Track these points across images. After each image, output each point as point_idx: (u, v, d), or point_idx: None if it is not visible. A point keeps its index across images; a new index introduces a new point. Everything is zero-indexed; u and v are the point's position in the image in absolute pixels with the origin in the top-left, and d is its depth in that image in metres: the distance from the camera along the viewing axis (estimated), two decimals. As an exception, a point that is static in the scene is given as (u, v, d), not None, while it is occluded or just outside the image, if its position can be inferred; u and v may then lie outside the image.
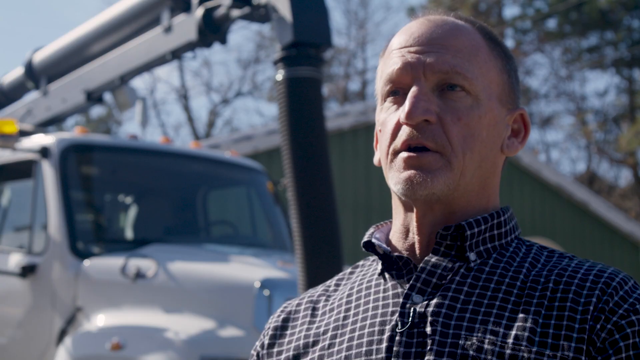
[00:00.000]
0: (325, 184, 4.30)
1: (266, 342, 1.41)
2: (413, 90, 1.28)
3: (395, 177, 1.30)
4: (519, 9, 25.95)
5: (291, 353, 1.35)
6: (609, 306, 1.21)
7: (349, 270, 1.45)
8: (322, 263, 4.13)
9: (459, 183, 1.29)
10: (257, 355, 1.41)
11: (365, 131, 12.18)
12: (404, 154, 1.28)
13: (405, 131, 1.29)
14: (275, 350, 1.38)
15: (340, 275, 1.45)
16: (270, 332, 1.41)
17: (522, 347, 1.19)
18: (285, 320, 1.41)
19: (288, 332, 1.39)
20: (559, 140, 30.17)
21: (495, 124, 1.32)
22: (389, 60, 1.33)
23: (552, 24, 25.01)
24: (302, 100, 4.29)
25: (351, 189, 11.85)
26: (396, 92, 1.32)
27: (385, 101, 1.34)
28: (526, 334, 1.20)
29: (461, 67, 1.29)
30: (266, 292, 4.43)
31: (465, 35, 1.32)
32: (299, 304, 1.43)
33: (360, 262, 1.45)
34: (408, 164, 1.28)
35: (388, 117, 1.32)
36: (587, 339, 1.19)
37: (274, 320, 1.43)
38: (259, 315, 4.41)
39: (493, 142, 1.32)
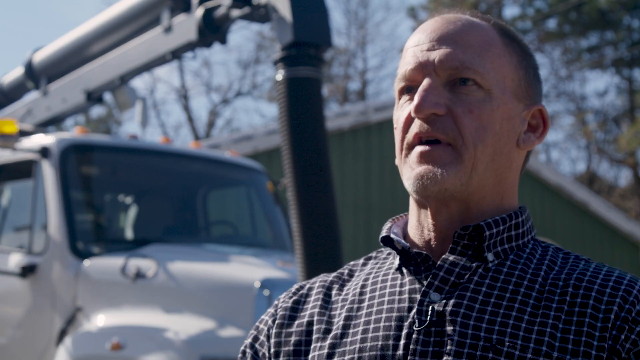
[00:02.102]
0: (325, 184, 4.30)
1: (278, 321, 1.40)
2: (423, 84, 1.30)
3: (408, 172, 1.30)
4: (519, 9, 25.96)
5: (303, 338, 1.35)
6: (631, 315, 1.21)
7: (361, 261, 1.44)
8: (322, 263, 4.13)
9: (471, 176, 1.28)
10: (268, 330, 1.40)
11: (365, 131, 12.18)
12: (418, 148, 1.29)
13: (416, 124, 1.30)
14: (284, 331, 1.38)
15: (352, 265, 1.44)
16: (280, 312, 1.41)
17: (543, 352, 1.19)
18: (297, 303, 1.41)
19: (299, 314, 1.38)
20: (559, 140, 30.16)
21: (509, 117, 1.32)
22: (404, 59, 1.35)
23: (552, 24, 25.02)
24: (302, 100, 4.29)
25: (351, 189, 11.84)
26: (410, 89, 1.33)
27: (400, 99, 1.35)
28: (546, 338, 1.20)
29: (471, 62, 1.29)
30: (266, 292, 4.43)
31: (477, 30, 1.33)
32: (310, 288, 1.42)
33: (373, 254, 1.44)
34: (421, 158, 1.28)
35: (401, 113, 1.34)
36: (610, 348, 1.20)
37: (283, 300, 1.43)
38: (259, 315, 4.40)
39: (507, 136, 1.32)
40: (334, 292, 1.40)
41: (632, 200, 24.42)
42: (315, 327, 1.35)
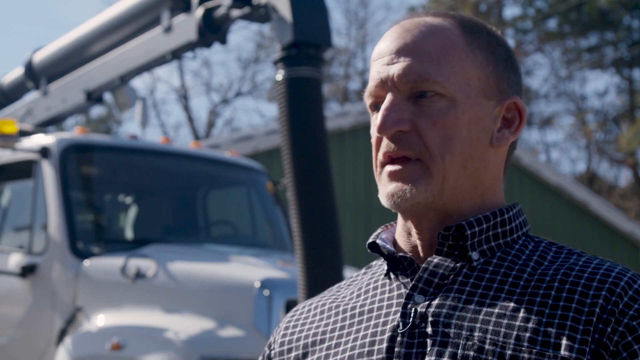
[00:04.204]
0: (325, 184, 4.30)
1: (278, 339, 1.42)
2: (385, 102, 1.30)
3: (382, 190, 1.32)
4: (519, 9, 25.99)
5: (300, 352, 1.36)
6: (618, 308, 1.20)
7: (363, 270, 1.45)
8: (322, 263, 4.14)
9: (442, 187, 1.28)
10: (270, 354, 1.43)
11: (365, 131, 12.17)
12: (387, 168, 1.30)
13: (384, 143, 1.30)
14: (285, 348, 1.39)
15: (353, 276, 1.46)
16: (282, 332, 1.43)
17: (524, 348, 1.19)
18: (297, 320, 1.42)
19: (297, 329, 1.40)
20: (559, 140, 30.19)
21: (478, 120, 1.30)
22: (370, 74, 1.35)
23: (552, 24, 25.03)
24: (302, 100, 4.29)
25: (351, 189, 11.85)
26: (377, 106, 1.34)
27: (372, 114, 1.35)
28: (528, 334, 1.20)
29: (428, 73, 1.28)
30: (266, 292, 4.43)
31: (435, 36, 1.31)
32: (311, 303, 1.44)
33: (373, 263, 1.45)
34: (391, 177, 1.30)
35: (373, 130, 1.34)
36: (597, 341, 1.19)
37: (286, 320, 1.45)
38: (259, 315, 4.41)
39: (478, 139, 1.30)
40: (330, 305, 1.41)
41: (632, 200, 24.42)
42: (310, 340, 1.36)
